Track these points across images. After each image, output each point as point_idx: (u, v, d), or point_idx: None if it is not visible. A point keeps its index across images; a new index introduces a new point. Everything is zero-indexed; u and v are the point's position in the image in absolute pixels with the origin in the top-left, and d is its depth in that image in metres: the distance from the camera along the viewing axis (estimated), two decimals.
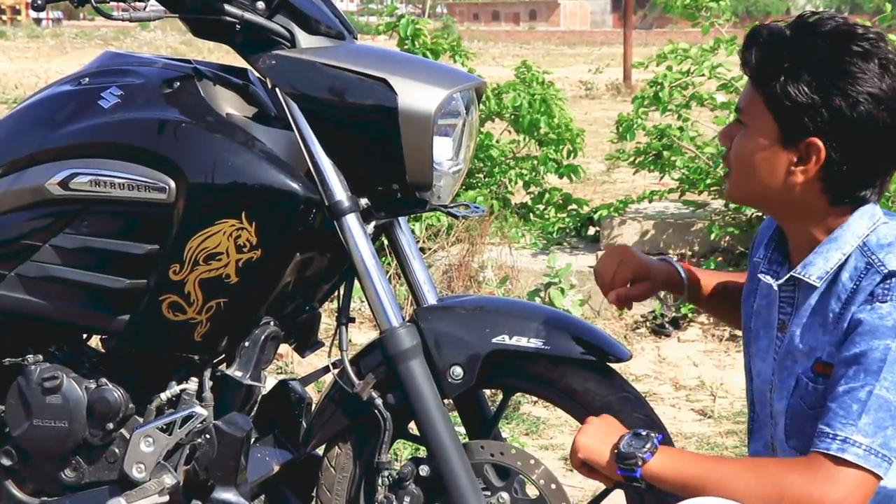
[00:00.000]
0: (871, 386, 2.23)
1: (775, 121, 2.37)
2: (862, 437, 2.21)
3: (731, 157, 2.52)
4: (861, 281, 2.35)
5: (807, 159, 2.35)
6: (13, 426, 3.02)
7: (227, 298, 2.83)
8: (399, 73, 2.76)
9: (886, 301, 2.28)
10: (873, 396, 2.22)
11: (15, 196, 2.95)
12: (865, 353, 2.26)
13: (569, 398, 2.85)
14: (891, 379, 2.23)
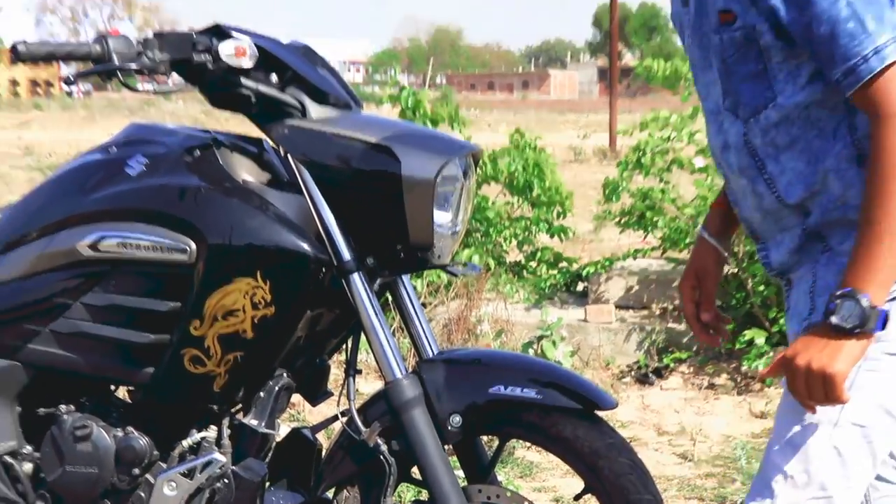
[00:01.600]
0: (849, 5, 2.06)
1: None
2: (880, 37, 2.05)
3: None
4: None
5: None
6: (48, 471, 3.01)
7: (243, 352, 2.83)
8: (401, 141, 2.77)
9: None
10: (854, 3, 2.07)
11: (49, 258, 2.96)
12: None
13: (560, 444, 2.84)
14: None
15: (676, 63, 7.70)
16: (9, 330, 3.00)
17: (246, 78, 2.78)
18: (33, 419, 3.08)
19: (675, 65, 7.71)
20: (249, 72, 2.78)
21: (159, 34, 2.81)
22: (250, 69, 2.78)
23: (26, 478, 3.06)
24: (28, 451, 3.07)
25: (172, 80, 2.86)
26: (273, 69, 2.81)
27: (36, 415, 3.08)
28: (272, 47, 2.82)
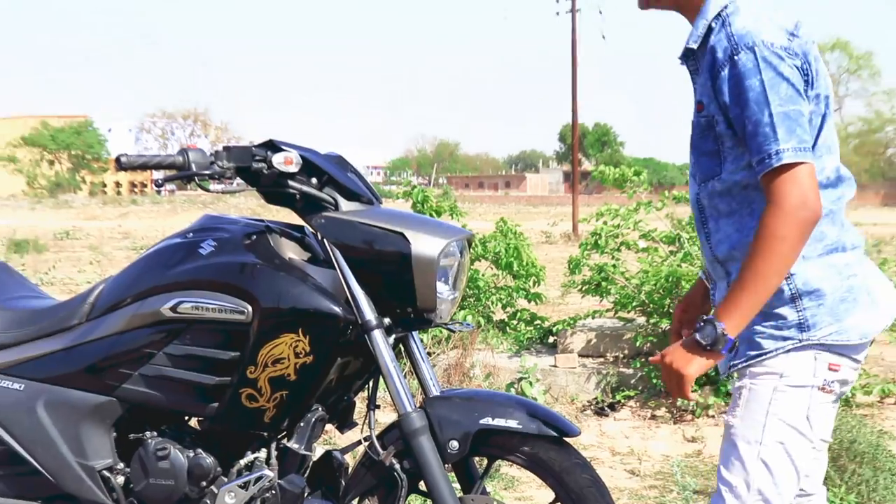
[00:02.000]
0: (768, 108, 2.18)
1: None
2: (785, 143, 2.16)
3: None
4: (714, 45, 2.29)
5: None
6: (136, 483, 3.01)
7: (288, 391, 2.83)
8: (412, 228, 2.79)
9: (740, 52, 2.22)
10: (774, 115, 2.17)
11: (139, 318, 2.96)
12: (748, 91, 2.20)
13: (535, 463, 2.83)
14: (776, 99, 2.18)
15: (623, 169, 7.78)
16: (108, 373, 3.01)
17: (292, 180, 2.82)
18: (125, 442, 3.09)
19: (622, 170, 7.79)
20: (295, 175, 2.82)
21: (227, 148, 2.85)
22: (296, 173, 2.82)
23: (119, 488, 3.06)
24: (121, 467, 3.08)
25: (236, 182, 2.91)
26: (313, 173, 2.85)
27: (127, 439, 3.09)
28: (312, 157, 2.85)
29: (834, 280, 2.29)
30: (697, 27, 2.38)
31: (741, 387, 2.37)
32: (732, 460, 2.38)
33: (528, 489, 4.75)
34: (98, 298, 3.12)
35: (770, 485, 2.34)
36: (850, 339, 2.30)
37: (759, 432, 2.33)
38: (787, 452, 2.33)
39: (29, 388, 3.11)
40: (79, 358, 3.06)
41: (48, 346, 3.13)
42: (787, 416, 2.32)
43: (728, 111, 2.27)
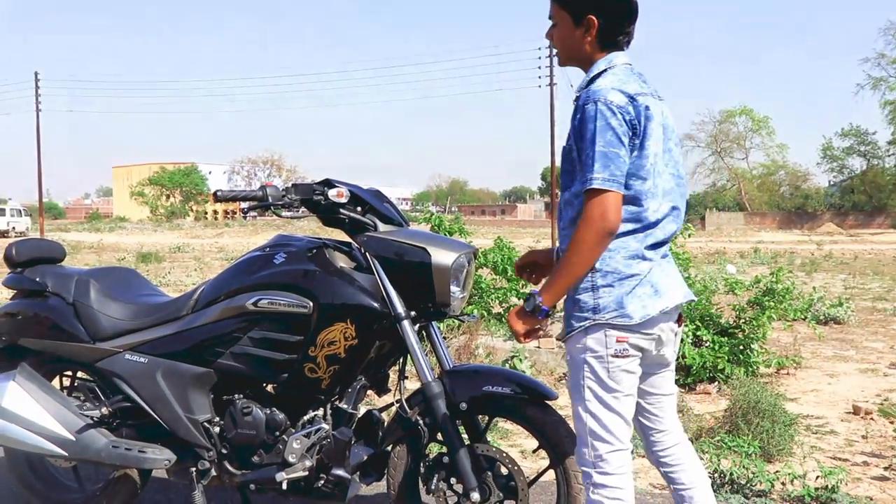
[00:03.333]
0: (594, 146, 2.22)
1: (567, 12, 2.43)
2: (598, 174, 2.21)
3: (556, 45, 2.52)
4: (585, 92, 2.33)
5: (588, 29, 2.40)
6: (228, 432, 3.02)
7: (339, 366, 2.81)
8: (431, 244, 2.79)
9: (588, 103, 2.26)
10: (597, 152, 2.21)
11: (230, 310, 2.96)
12: (587, 132, 2.24)
13: (524, 420, 2.83)
14: (602, 141, 2.22)
15: None
16: (207, 351, 3.00)
17: (343, 208, 2.82)
18: (220, 402, 3.08)
19: None
20: (345, 205, 2.81)
21: (295, 184, 2.86)
22: (345, 203, 2.80)
23: (216, 435, 3.05)
24: (217, 420, 3.07)
25: (301, 210, 2.90)
26: (358, 203, 2.85)
27: (221, 399, 3.08)
28: (358, 191, 2.85)
29: (623, 278, 2.32)
30: (586, 78, 2.42)
31: (568, 360, 2.42)
32: (574, 413, 2.43)
33: (518, 439, 4.71)
34: (200, 295, 3.11)
35: (600, 428, 2.35)
36: (632, 320, 2.31)
37: (581, 392, 2.37)
38: (604, 404, 2.35)
39: (151, 362, 3.11)
40: (186, 339, 3.06)
41: (164, 330, 3.12)
42: (596, 379, 2.35)
43: (576, 143, 2.31)
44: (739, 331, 6.37)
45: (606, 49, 2.42)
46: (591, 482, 2.38)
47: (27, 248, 3.49)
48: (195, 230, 51.87)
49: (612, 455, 2.36)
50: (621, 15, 2.41)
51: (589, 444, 2.37)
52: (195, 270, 19.08)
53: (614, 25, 2.40)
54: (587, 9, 2.38)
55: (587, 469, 2.39)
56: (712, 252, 25.47)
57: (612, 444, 2.36)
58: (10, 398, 3.20)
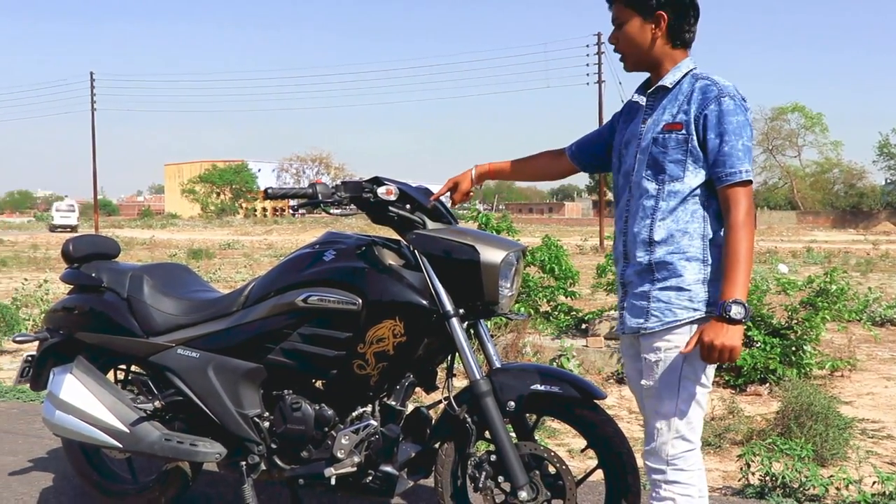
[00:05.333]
0: (741, 139, 2.27)
1: (635, 10, 2.40)
2: (749, 165, 2.28)
3: (621, 49, 2.49)
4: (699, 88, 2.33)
5: (658, 24, 2.39)
6: (277, 427, 3.03)
7: (387, 363, 2.82)
8: (480, 241, 2.77)
9: (724, 97, 2.28)
10: (745, 146, 2.28)
11: (280, 306, 2.97)
12: (727, 125, 2.27)
13: (572, 419, 2.79)
14: (745, 136, 2.29)
15: None
16: (257, 346, 3.02)
17: (392, 206, 2.82)
18: (269, 397, 3.10)
19: None
20: (394, 203, 2.81)
21: (344, 182, 2.86)
22: (394, 201, 2.80)
23: (266, 430, 3.07)
24: (267, 415, 3.09)
25: (350, 207, 2.90)
26: (407, 201, 2.84)
27: (271, 395, 3.10)
28: (407, 189, 2.85)
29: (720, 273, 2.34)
30: (675, 74, 2.41)
31: (657, 360, 2.39)
32: (658, 412, 2.42)
33: (565, 438, 4.69)
34: (250, 292, 3.14)
35: (687, 427, 2.39)
36: None
37: (675, 390, 2.37)
38: (696, 401, 2.39)
39: (202, 356, 3.15)
40: (237, 335, 3.08)
41: (215, 326, 3.16)
42: (694, 377, 2.37)
43: (705, 134, 2.30)
44: (792, 332, 6.27)
45: (676, 47, 2.42)
46: (664, 479, 2.41)
47: (84, 245, 3.56)
48: (244, 227, 52.50)
49: (690, 453, 2.41)
50: (688, 11, 2.41)
51: (669, 442, 2.39)
52: (244, 267, 19.31)
53: (682, 22, 2.40)
54: (657, 4, 2.38)
55: (660, 466, 2.42)
56: (763, 251, 25.05)
57: (692, 442, 2.41)
58: (67, 390, 3.28)
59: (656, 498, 2.44)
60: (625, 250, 2.49)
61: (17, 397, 5.83)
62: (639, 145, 2.44)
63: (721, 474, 4.20)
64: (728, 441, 4.69)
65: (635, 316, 2.43)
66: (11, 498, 3.82)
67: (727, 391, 5.97)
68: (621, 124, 2.60)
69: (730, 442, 4.68)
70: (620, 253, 2.51)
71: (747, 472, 3.85)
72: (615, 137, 2.62)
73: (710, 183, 2.34)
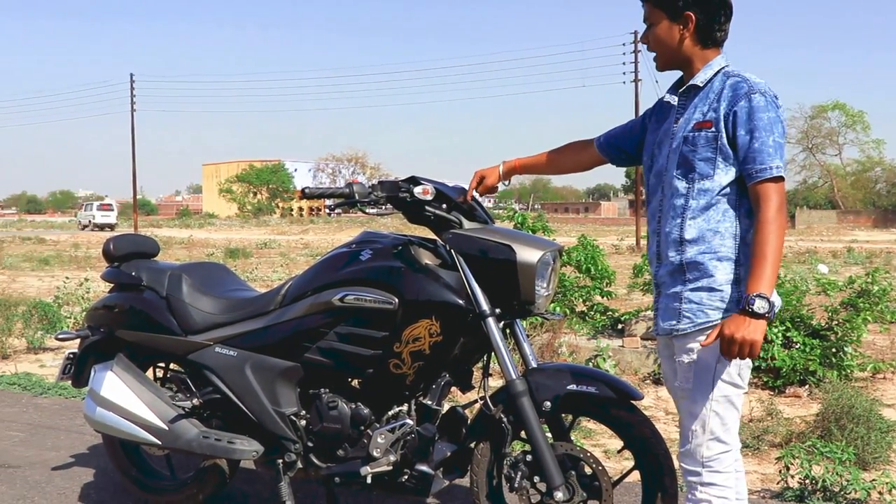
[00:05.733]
0: (773, 135, 2.25)
1: (663, 11, 2.39)
2: (780, 161, 2.25)
3: (653, 47, 2.48)
4: (730, 86, 2.31)
5: (686, 25, 2.38)
6: (313, 425, 3.05)
7: (423, 362, 2.82)
8: (516, 241, 2.75)
9: (755, 93, 2.26)
10: (776, 142, 2.25)
11: (317, 306, 2.98)
12: (758, 122, 2.25)
13: (609, 419, 2.77)
14: (777, 132, 2.26)
15: None
16: (294, 345, 3.04)
17: (428, 206, 2.82)
18: (306, 396, 3.12)
19: None
20: (430, 202, 2.81)
21: (381, 182, 2.87)
22: (431, 200, 2.80)
23: (302, 429, 3.09)
24: (303, 414, 3.10)
25: (387, 207, 2.90)
26: (443, 200, 2.84)
27: (307, 393, 3.11)
28: (443, 188, 2.84)
29: None
30: (706, 73, 2.39)
31: (690, 362, 2.38)
32: (692, 413, 2.40)
33: (601, 439, 4.67)
34: (287, 291, 3.15)
35: (722, 429, 2.37)
36: None
37: (709, 391, 2.36)
38: (730, 402, 2.37)
39: (240, 355, 3.17)
40: (274, 334, 3.10)
41: (253, 324, 3.18)
42: (728, 378, 2.35)
43: (735, 130, 2.28)
44: (832, 333, 6.17)
45: (707, 47, 2.40)
46: (699, 481, 2.39)
47: (124, 244, 3.61)
48: (281, 226, 52.87)
49: (725, 455, 2.39)
50: (718, 10, 2.38)
51: (704, 444, 2.38)
52: (281, 266, 19.45)
53: (712, 21, 2.38)
54: (685, 4, 2.36)
55: (696, 468, 2.40)
56: (802, 251, 24.71)
57: (728, 444, 2.39)
58: (108, 387, 3.32)
59: (692, 500, 2.42)
60: (658, 250, 2.48)
61: (59, 394, 5.93)
62: (671, 145, 2.43)
63: (759, 477, 4.15)
64: (766, 443, 4.63)
65: (668, 317, 2.42)
66: (54, 492, 3.89)
67: (765, 392, 5.89)
68: (653, 123, 2.58)
69: (768, 444, 4.62)
70: (654, 253, 2.51)
71: (786, 475, 3.80)
72: (647, 136, 2.60)
73: (741, 181, 2.32)
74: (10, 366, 7.21)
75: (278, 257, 23.52)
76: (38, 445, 4.66)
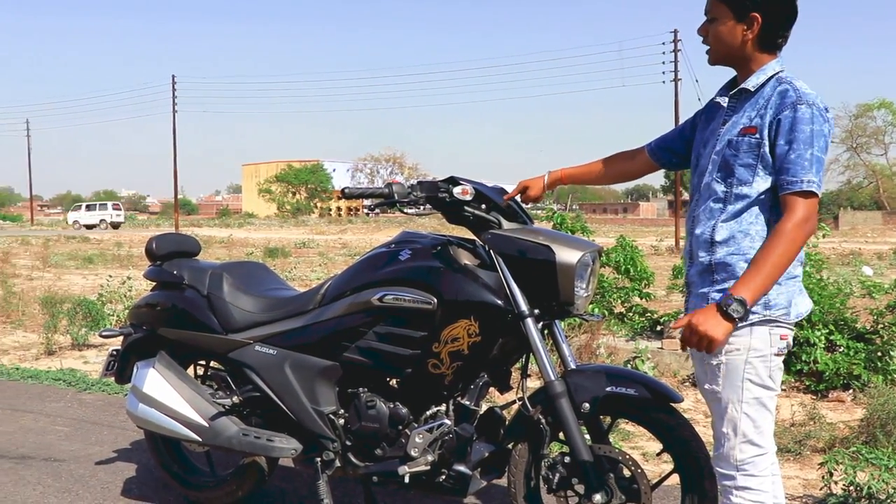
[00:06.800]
0: (811, 149, 2.22)
1: (729, 8, 2.36)
2: (814, 177, 2.22)
3: (710, 40, 2.45)
4: (778, 93, 2.29)
5: (750, 26, 2.35)
6: (352, 424, 3.06)
7: (462, 362, 2.82)
8: (556, 241, 2.75)
9: (802, 104, 2.23)
10: (814, 156, 2.22)
11: (356, 305, 2.99)
12: (799, 134, 2.22)
13: (648, 422, 2.75)
14: (817, 146, 2.23)
15: None
16: (333, 344, 3.05)
17: (467, 206, 2.82)
18: (344, 395, 3.13)
19: None
20: (470, 202, 2.81)
21: (420, 182, 2.88)
22: (470, 201, 2.80)
23: (341, 427, 3.10)
24: (342, 412, 3.12)
25: (426, 207, 2.90)
26: (482, 201, 2.84)
27: (346, 392, 3.12)
28: (482, 188, 2.84)
29: (790, 277, 2.35)
30: (758, 77, 2.37)
31: (719, 363, 2.36)
32: (723, 416, 2.39)
33: (640, 441, 4.62)
34: (327, 290, 3.17)
35: (754, 431, 2.35)
36: (794, 318, 2.36)
37: (739, 393, 2.35)
38: (762, 404, 2.36)
39: (279, 353, 3.19)
40: (313, 333, 3.12)
41: (292, 323, 3.20)
42: (758, 380, 2.35)
43: (776, 139, 2.26)
44: (877, 336, 6.06)
45: (765, 51, 2.38)
46: (734, 485, 2.37)
47: (166, 243, 3.66)
48: (319, 226, 53.21)
49: (760, 458, 2.36)
50: (784, 16, 2.36)
51: (737, 447, 2.36)
52: (319, 265, 19.56)
53: (776, 26, 2.36)
54: (752, 6, 2.33)
55: (730, 472, 2.38)
56: (846, 253, 24.28)
57: (762, 447, 2.37)
58: (150, 384, 3.37)
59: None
60: (691, 250, 2.48)
61: (102, 390, 6.03)
62: (714, 146, 2.42)
63: (801, 482, 4.08)
64: (809, 448, 4.55)
65: None
66: (98, 486, 3.95)
67: (808, 396, 5.80)
68: (703, 122, 2.56)
69: (811, 449, 4.55)
70: (687, 253, 2.51)
71: (829, 481, 3.73)
72: (696, 135, 2.59)
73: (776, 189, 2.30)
74: (55, 362, 7.35)
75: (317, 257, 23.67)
76: (82, 440, 4.74)
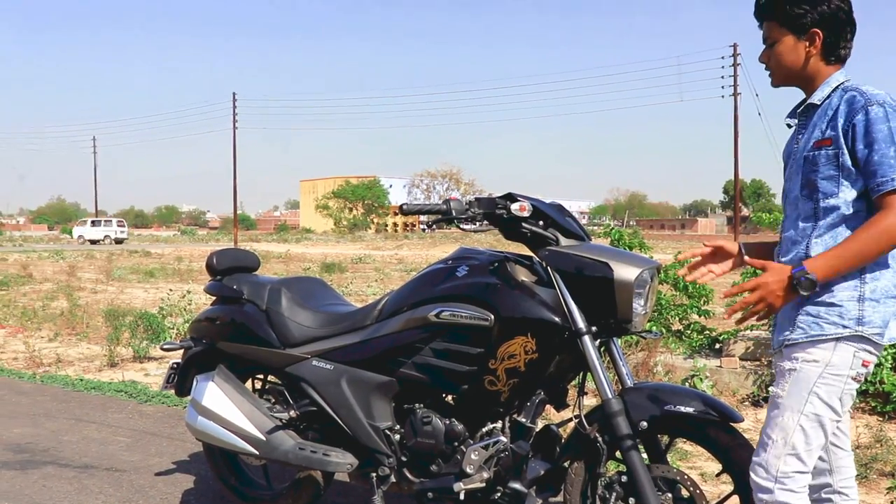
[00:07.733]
0: (893, 146, 2.17)
1: (789, 30, 2.34)
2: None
3: (772, 66, 2.43)
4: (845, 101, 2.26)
5: (812, 42, 2.33)
6: (408, 440, 3.08)
7: (518, 379, 2.81)
8: (614, 259, 2.72)
9: (872, 105, 2.20)
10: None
11: (413, 321, 3.01)
12: (876, 134, 2.18)
13: (707, 442, 2.70)
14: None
15: (776, 214, 7.42)
16: (390, 360, 3.07)
17: (525, 222, 2.81)
18: (400, 410, 3.14)
19: (775, 215, 7.42)
20: (527, 219, 2.80)
21: (478, 198, 2.87)
22: (528, 217, 2.79)
23: (396, 443, 3.11)
24: (398, 428, 3.13)
25: (483, 224, 2.90)
26: (540, 217, 2.83)
27: (402, 408, 3.13)
28: (540, 205, 2.84)
29: (890, 297, 2.27)
30: (823, 90, 2.35)
31: (791, 369, 2.32)
32: (777, 422, 2.33)
33: (698, 461, 4.54)
34: (384, 306, 3.19)
35: (804, 447, 2.29)
36: (883, 339, 2.28)
37: (801, 405, 2.29)
38: (821, 423, 2.29)
39: (336, 369, 3.22)
40: (370, 348, 3.14)
41: (349, 339, 3.23)
42: (825, 397, 2.28)
43: (854, 145, 2.23)
44: None
45: (831, 63, 2.37)
46: (772, 499, 2.30)
47: (226, 258, 3.72)
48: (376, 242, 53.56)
49: (801, 476, 2.30)
50: (844, 27, 2.35)
51: (782, 457, 2.30)
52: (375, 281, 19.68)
53: (837, 38, 2.35)
54: (811, 23, 2.33)
55: (768, 483, 2.31)
56: None
57: (806, 465, 2.31)
58: (209, 397, 3.42)
59: None
60: None
61: (162, 402, 6.14)
62: (792, 167, 2.41)
63: None
64: (875, 472, 4.42)
65: (783, 329, 2.37)
66: (157, 496, 4.02)
67: (874, 418, 5.64)
68: (785, 156, 2.55)
69: (877, 473, 4.42)
70: None
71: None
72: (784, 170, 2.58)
73: (866, 195, 2.25)
74: (117, 374, 7.51)
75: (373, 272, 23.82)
76: (142, 451, 4.83)
